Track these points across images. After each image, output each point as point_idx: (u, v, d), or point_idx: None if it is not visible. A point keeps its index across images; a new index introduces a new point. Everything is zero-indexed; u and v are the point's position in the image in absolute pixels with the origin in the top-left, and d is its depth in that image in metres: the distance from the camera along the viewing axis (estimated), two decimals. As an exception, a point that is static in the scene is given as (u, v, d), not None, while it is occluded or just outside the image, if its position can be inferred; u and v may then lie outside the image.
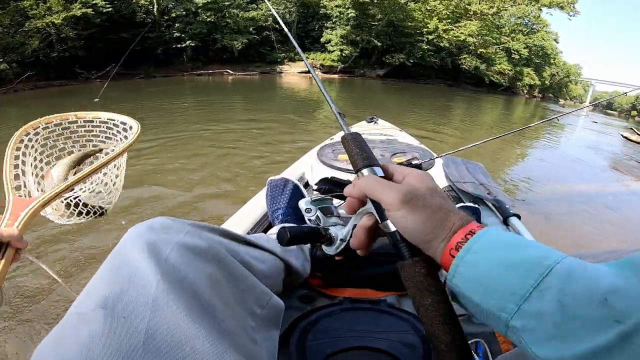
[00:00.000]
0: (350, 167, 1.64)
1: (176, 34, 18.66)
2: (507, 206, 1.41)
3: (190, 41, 18.78)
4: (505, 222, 1.35)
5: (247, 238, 0.71)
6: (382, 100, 14.56)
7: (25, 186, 0.89)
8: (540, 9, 31.95)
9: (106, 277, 0.45)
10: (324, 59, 23.93)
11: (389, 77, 25.80)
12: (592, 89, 50.83)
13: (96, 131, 1.11)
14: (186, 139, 5.40)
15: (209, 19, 19.17)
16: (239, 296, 0.54)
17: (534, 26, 34.43)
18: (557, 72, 41.24)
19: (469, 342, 0.69)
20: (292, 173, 1.81)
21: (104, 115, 1.09)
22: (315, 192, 1.30)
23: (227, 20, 19.74)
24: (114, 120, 1.08)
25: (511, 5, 31.00)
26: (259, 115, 8.18)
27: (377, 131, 2.77)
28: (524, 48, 31.65)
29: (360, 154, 0.51)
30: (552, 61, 37.57)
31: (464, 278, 0.36)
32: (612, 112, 32.22)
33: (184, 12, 19.10)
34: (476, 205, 1.30)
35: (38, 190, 0.91)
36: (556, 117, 6.87)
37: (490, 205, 1.49)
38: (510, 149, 6.51)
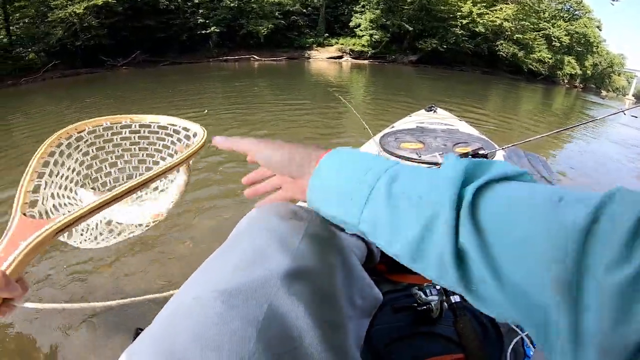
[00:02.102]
0: (413, 155, 1.84)
1: (200, 20, 18.80)
2: None
3: (214, 27, 18.89)
4: None
5: None
6: (415, 86, 14.24)
7: (45, 202, 0.76)
8: (582, -7, 31.14)
9: (226, 260, 0.44)
10: (353, 44, 23.64)
11: (422, 63, 25.30)
12: (635, 81, 48.90)
13: (152, 138, 1.01)
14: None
15: (232, 4, 19.25)
16: (348, 287, 0.52)
17: (576, 12, 33.56)
18: (600, 62, 39.96)
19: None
20: None
21: (164, 119, 0.98)
22: None
23: (252, 5, 19.76)
24: (175, 125, 0.97)
25: None
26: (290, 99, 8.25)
27: (437, 120, 2.82)
28: (565, 35, 30.73)
29: None
30: (594, 50, 36.36)
31: (316, 196, 0.44)
32: None
33: None
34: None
35: (62, 210, 0.77)
36: (608, 115, 6.36)
37: None
38: (546, 141, 6.20)
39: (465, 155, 1.35)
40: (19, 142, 5.28)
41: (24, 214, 0.59)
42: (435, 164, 1.46)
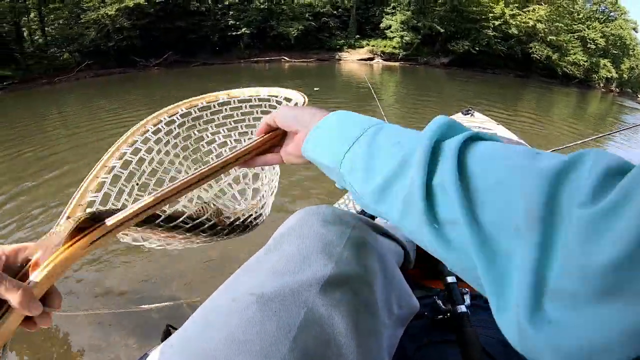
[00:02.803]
0: None
1: (231, 21, 19.15)
2: None
3: (245, 28, 19.18)
4: None
5: (386, 229, 0.68)
6: (447, 89, 14.18)
7: (120, 198, 0.73)
8: (616, -7, 30.71)
9: (267, 263, 0.46)
10: (384, 46, 23.54)
11: (454, 66, 25.06)
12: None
13: (257, 112, 0.93)
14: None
15: (262, 6, 19.55)
16: (387, 294, 0.53)
17: (612, 13, 32.92)
18: (637, 65, 38.95)
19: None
20: None
21: (264, 91, 0.91)
22: None
23: (282, 6, 20.05)
24: (276, 96, 0.89)
25: None
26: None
27: (474, 124, 2.78)
28: (601, 37, 30.08)
29: None
30: (630, 53, 35.35)
31: (311, 145, 0.47)
32: None
33: (238, 0, 19.60)
34: None
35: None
36: None
37: None
38: (584, 147, 5.86)
39: None
40: (53, 141, 5.32)
41: (69, 218, 0.53)
42: None
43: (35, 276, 0.39)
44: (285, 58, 19.92)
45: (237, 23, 19.12)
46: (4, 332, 0.36)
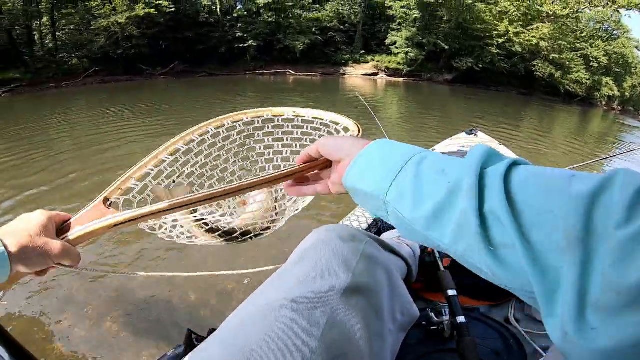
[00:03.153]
0: None
1: (239, 33, 19.39)
2: None
3: (252, 41, 19.41)
4: None
5: (393, 246, 0.77)
6: (450, 106, 14.43)
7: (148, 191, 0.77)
8: (618, 11, 30.54)
9: (294, 274, 0.52)
10: (389, 62, 23.84)
11: (457, 83, 25.31)
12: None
13: (297, 133, 0.95)
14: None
15: (270, 19, 19.76)
16: (392, 302, 0.61)
17: (615, 32, 33.18)
18: (639, 83, 39.27)
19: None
20: None
21: (309, 113, 0.93)
22: None
23: (290, 20, 20.31)
24: (322, 119, 0.92)
25: (587, 7, 29.98)
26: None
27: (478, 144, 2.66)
28: (603, 55, 30.38)
29: None
30: (633, 71, 35.56)
31: (354, 173, 0.49)
32: None
33: (246, 13, 19.84)
34: None
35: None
36: None
37: None
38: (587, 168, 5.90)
39: None
40: (58, 145, 5.40)
41: (104, 200, 0.64)
42: None
43: (70, 234, 0.56)
44: (291, 71, 20.15)
45: (245, 35, 19.36)
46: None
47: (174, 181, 0.87)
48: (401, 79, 23.67)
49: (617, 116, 28.60)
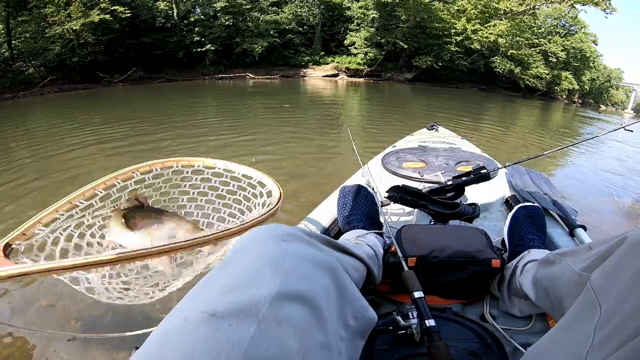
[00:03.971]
0: (415, 174, 1.91)
1: (196, 38, 19.95)
2: (573, 217, 1.46)
3: (210, 45, 20.03)
4: (572, 234, 1.40)
5: (345, 246, 0.75)
6: (412, 105, 14.95)
7: (58, 242, 0.79)
8: (574, 7, 32.25)
9: (218, 281, 0.48)
10: (349, 62, 24.84)
11: (418, 81, 26.47)
12: (634, 94, 50.49)
13: (222, 190, 0.98)
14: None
15: (228, 23, 20.43)
16: (341, 307, 0.57)
17: (572, 27, 35.08)
18: (597, 77, 41.53)
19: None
20: (357, 180, 1.89)
21: (240, 170, 0.95)
22: (385, 199, 1.39)
23: (247, 23, 21.00)
24: (251, 178, 0.95)
25: (543, 3, 31.30)
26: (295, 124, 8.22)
27: (439, 139, 2.91)
28: (561, 50, 32.17)
29: None
30: (591, 65, 38.11)
31: None
32: None
33: (203, 17, 20.48)
34: (537, 205, 1.31)
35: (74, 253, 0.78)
36: (608, 132, 5.73)
37: (555, 216, 1.53)
38: (546, 159, 6.40)
39: (466, 173, 1.46)
40: (14, 154, 5.47)
41: (4, 247, 0.63)
42: (437, 182, 1.54)
43: None
44: (250, 75, 20.75)
45: (203, 39, 19.93)
46: None
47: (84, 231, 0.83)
48: (362, 79, 24.69)
49: (578, 109, 29.93)
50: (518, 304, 0.97)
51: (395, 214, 1.59)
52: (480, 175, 1.42)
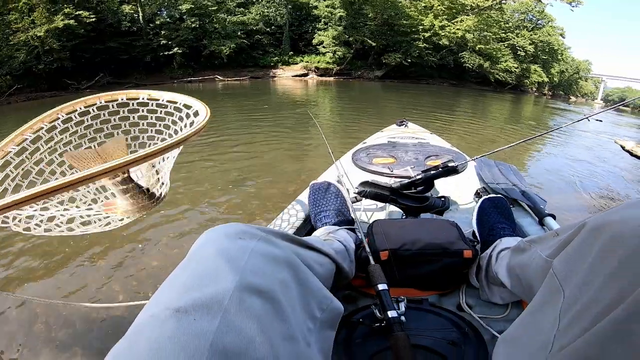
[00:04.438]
0: (385, 170, 2.01)
1: (163, 41, 20.26)
2: (541, 206, 1.51)
3: (178, 48, 20.39)
4: (541, 223, 1.45)
5: (307, 241, 0.79)
6: (382, 102, 15.32)
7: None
8: (540, 0, 33.70)
9: (180, 280, 0.51)
10: (318, 62, 25.65)
11: (388, 78, 27.37)
12: (602, 85, 52.66)
13: (151, 117, 1.05)
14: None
15: (194, 25, 20.81)
16: (304, 300, 0.61)
17: (539, 21, 36.55)
18: (566, 69, 43.28)
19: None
20: (330, 176, 1.95)
21: (163, 96, 1.02)
22: (355, 195, 1.45)
23: (214, 25, 21.53)
24: (175, 102, 1.00)
25: None
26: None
27: (408, 134, 2.97)
28: (530, 44, 33.53)
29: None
30: (559, 57, 39.70)
31: None
32: (626, 108, 33.31)
33: (169, 19, 20.84)
34: (500, 196, 1.39)
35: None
36: (574, 122, 5.01)
37: (524, 206, 1.59)
38: (515, 151, 6.68)
39: (435, 167, 1.50)
40: None
41: None
42: (407, 177, 1.55)
43: None
44: (219, 77, 21.12)
45: (170, 42, 20.24)
46: None
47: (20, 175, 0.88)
48: (332, 78, 25.45)
49: (548, 101, 31.17)
50: (498, 292, 1.02)
51: (369, 210, 1.65)
52: (448, 169, 1.48)
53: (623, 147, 7.89)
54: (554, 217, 1.44)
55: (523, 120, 13.08)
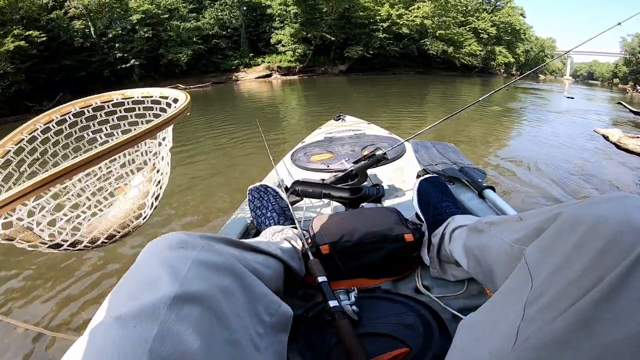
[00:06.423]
0: (322, 166, 2.39)
1: (119, 54, 21.85)
2: (480, 180, 1.65)
3: (134, 60, 22.03)
4: (481, 195, 1.56)
5: (253, 245, 0.89)
6: (349, 96, 16.17)
7: None
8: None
9: (123, 289, 0.58)
10: (280, 61, 27.62)
11: (353, 72, 29.52)
12: (569, 61, 56.73)
13: (131, 116, 1.14)
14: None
15: (147, 35, 22.37)
16: (250, 305, 0.68)
17: (498, 3, 40.01)
18: (531, 48, 47.31)
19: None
20: (271, 179, 2.13)
21: (136, 92, 1.10)
22: (291, 195, 1.55)
23: (169, 33, 23.17)
24: (151, 96, 1.08)
25: None
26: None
27: (345, 128, 3.14)
28: (491, 26, 36.64)
29: None
30: (522, 37, 43.35)
31: None
32: (595, 81, 36.53)
33: (122, 31, 22.28)
34: (435, 174, 1.47)
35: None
36: (492, 93, 5.52)
37: (465, 181, 1.71)
38: (471, 128, 7.43)
39: (364, 157, 1.61)
40: None
41: None
42: (343, 170, 1.63)
43: None
44: (180, 85, 21.70)
45: (126, 55, 21.80)
46: None
47: (14, 184, 0.96)
48: (296, 77, 27.41)
49: (517, 81, 33.20)
50: (450, 270, 1.11)
51: (312, 208, 1.78)
52: (376, 157, 1.59)
53: (606, 138, 7.04)
54: (493, 189, 1.56)
55: (494, 101, 13.00)
